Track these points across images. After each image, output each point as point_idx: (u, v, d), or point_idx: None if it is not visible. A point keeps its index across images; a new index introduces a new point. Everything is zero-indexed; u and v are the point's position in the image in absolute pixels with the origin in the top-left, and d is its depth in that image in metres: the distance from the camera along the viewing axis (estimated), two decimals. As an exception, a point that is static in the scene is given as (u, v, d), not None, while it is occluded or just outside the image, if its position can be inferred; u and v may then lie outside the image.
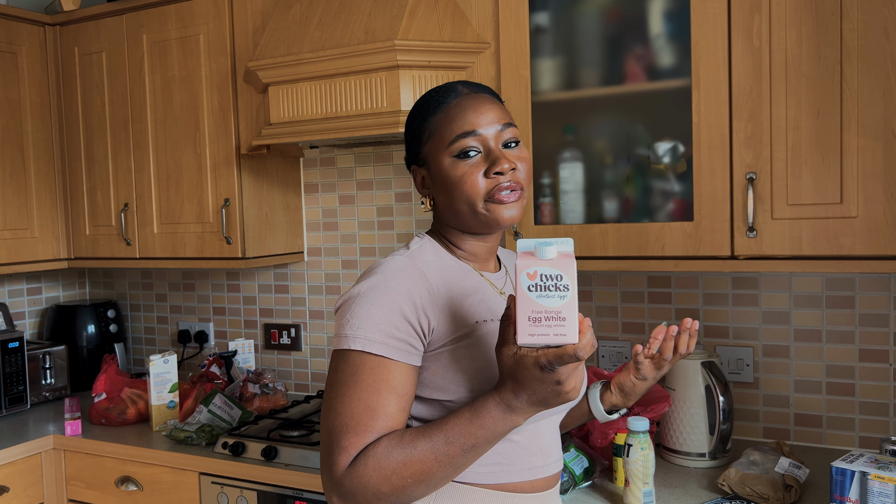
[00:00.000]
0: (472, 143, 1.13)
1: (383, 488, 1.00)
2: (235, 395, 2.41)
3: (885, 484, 1.39)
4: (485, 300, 1.16)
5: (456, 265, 1.19)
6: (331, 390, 1.07)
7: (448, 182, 1.14)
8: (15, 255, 2.56)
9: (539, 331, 0.91)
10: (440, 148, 1.15)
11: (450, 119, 1.14)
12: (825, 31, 1.58)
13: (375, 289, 1.08)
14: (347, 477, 1.01)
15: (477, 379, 1.08)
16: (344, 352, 1.07)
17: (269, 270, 2.75)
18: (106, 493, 2.26)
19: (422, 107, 1.19)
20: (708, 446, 1.82)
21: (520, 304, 0.91)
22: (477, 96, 1.17)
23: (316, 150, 2.63)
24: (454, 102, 1.16)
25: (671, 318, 2.11)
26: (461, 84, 1.20)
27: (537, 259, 0.91)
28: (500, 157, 1.12)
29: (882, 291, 1.89)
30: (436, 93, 1.19)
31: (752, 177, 1.65)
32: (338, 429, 1.04)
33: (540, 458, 1.16)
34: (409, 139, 1.22)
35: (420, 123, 1.18)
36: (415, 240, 1.21)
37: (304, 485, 1.92)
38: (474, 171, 1.12)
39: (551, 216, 1.92)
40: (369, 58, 1.94)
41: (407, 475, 1.00)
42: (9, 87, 2.55)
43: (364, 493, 1.01)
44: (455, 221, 1.18)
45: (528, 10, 1.88)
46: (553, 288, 0.91)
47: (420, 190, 1.22)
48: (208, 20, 2.36)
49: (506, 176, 1.12)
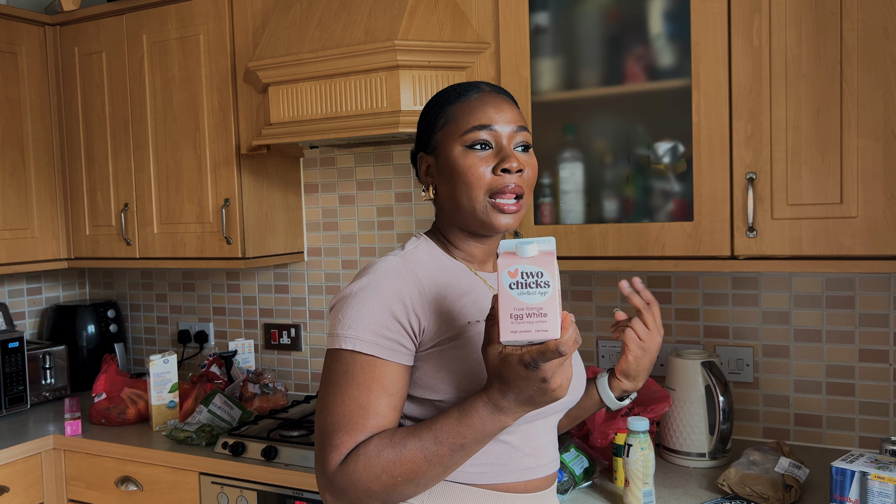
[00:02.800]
0: (486, 136, 1.14)
1: (373, 486, 1.01)
2: (235, 395, 2.41)
3: (885, 484, 1.39)
4: (478, 301, 1.16)
5: (451, 265, 1.19)
6: (324, 389, 1.09)
7: (454, 170, 1.14)
8: (15, 255, 2.56)
9: (521, 328, 0.91)
10: (453, 136, 1.16)
11: (469, 110, 1.16)
12: (825, 31, 1.58)
13: (367, 289, 1.10)
14: (338, 474, 1.03)
15: (468, 379, 1.09)
16: (336, 351, 1.09)
17: (269, 270, 2.75)
18: (106, 493, 2.26)
19: (442, 97, 1.21)
20: (708, 446, 1.82)
21: (502, 302, 0.92)
22: (499, 95, 1.19)
23: (316, 150, 2.63)
24: (476, 96, 1.18)
25: (671, 319, 2.12)
26: (484, 83, 1.22)
27: (518, 258, 0.92)
28: (510, 156, 1.13)
29: (882, 291, 1.89)
30: (458, 86, 1.21)
31: (752, 177, 1.65)
32: (330, 427, 1.06)
33: (533, 459, 1.16)
34: (423, 126, 1.23)
35: (437, 111, 1.20)
36: (411, 240, 1.22)
37: (304, 485, 1.92)
38: (482, 164, 1.13)
39: (551, 216, 1.92)
40: (369, 58, 1.94)
41: (397, 474, 1.01)
42: (9, 87, 2.55)
43: (354, 491, 1.02)
44: (454, 215, 1.18)
45: (528, 10, 1.88)
46: (534, 285, 0.91)
47: (423, 178, 1.22)
48: (208, 20, 2.36)
49: (512, 176, 1.13)
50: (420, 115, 1.25)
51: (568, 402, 1.21)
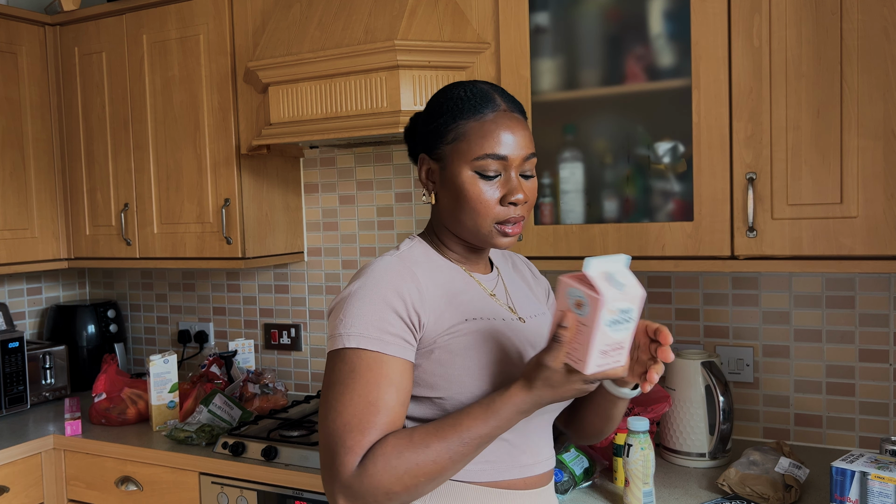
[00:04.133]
0: (497, 166, 1.13)
1: (395, 488, 1.01)
2: (235, 395, 2.41)
3: (885, 484, 1.39)
4: (473, 300, 1.17)
5: (446, 265, 1.20)
6: (329, 391, 1.07)
7: (462, 194, 1.14)
8: (15, 255, 2.56)
9: (605, 361, 0.96)
10: (464, 157, 1.13)
11: (484, 133, 1.13)
12: (825, 31, 1.58)
13: (365, 287, 1.10)
14: (357, 478, 1.01)
15: (466, 376, 1.09)
16: (340, 351, 1.08)
17: (269, 270, 2.75)
18: (106, 493, 2.26)
19: (455, 105, 1.15)
20: (708, 446, 1.82)
21: (597, 339, 0.93)
22: (513, 116, 1.15)
23: (316, 150, 2.63)
24: (492, 116, 1.14)
25: (671, 319, 2.11)
26: (498, 94, 1.17)
27: (615, 292, 0.93)
28: (516, 188, 1.13)
29: (882, 291, 1.89)
30: (473, 96, 1.15)
31: (752, 177, 1.65)
32: (340, 429, 1.04)
33: (530, 456, 1.17)
34: (429, 129, 1.18)
35: (448, 121, 1.15)
36: (405, 241, 1.22)
37: (304, 485, 1.92)
38: (490, 192, 1.13)
39: (551, 216, 1.92)
40: (369, 58, 1.94)
41: (420, 475, 1.01)
42: (9, 87, 2.55)
43: (375, 494, 1.01)
44: (453, 225, 1.19)
45: (528, 10, 1.88)
46: (624, 321, 0.95)
47: (424, 181, 1.21)
48: (208, 20, 2.36)
49: (518, 208, 1.14)
50: (427, 111, 1.20)
51: None
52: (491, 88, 1.18)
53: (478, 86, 1.18)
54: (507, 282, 1.29)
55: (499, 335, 1.15)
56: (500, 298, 1.23)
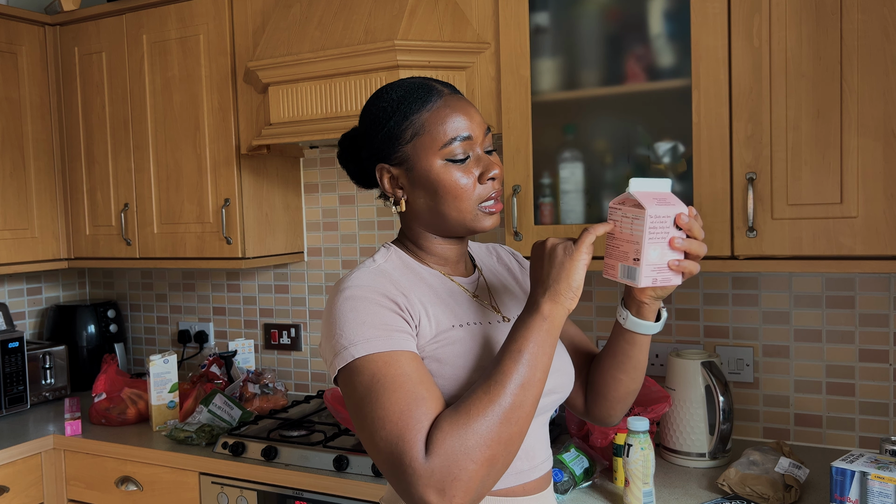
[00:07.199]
0: (465, 147, 1.11)
1: (475, 449, 0.95)
2: (235, 395, 2.41)
3: (885, 484, 1.39)
4: (457, 306, 1.15)
5: (426, 272, 1.17)
6: (361, 409, 1.01)
7: (440, 185, 1.11)
8: (15, 255, 2.56)
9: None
10: (430, 149, 1.11)
11: (442, 119, 1.11)
12: (825, 31, 1.58)
13: (353, 298, 1.06)
14: (433, 461, 0.95)
15: (455, 387, 1.07)
16: (350, 365, 1.03)
17: (269, 270, 2.75)
18: (106, 493, 2.26)
19: (399, 105, 1.13)
20: (708, 446, 1.82)
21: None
22: (458, 97, 1.15)
23: (316, 150, 2.63)
24: (441, 102, 1.13)
25: (671, 319, 2.11)
26: (433, 81, 1.16)
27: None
28: (490, 164, 1.13)
29: (882, 291, 1.89)
30: (413, 91, 1.14)
31: (752, 177, 1.65)
32: (393, 435, 0.97)
33: (525, 461, 1.15)
34: (380, 137, 1.14)
35: (400, 121, 1.12)
36: (381, 251, 1.19)
37: (304, 485, 1.92)
38: (466, 175, 1.11)
39: (551, 216, 1.92)
40: (369, 58, 1.94)
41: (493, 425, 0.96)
42: (9, 87, 2.55)
43: (460, 462, 0.95)
44: (433, 224, 1.16)
45: (528, 10, 1.88)
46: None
47: (390, 191, 1.17)
48: (208, 20, 2.36)
49: (496, 182, 1.13)
50: (368, 122, 1.16)
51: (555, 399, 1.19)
52: (423, 79, 1.17)
53: (410, 80, 1.17)
54: (491, 279, 1.26)
55: (485, 339, 1.13)
56: (483, 300, 1.21)
